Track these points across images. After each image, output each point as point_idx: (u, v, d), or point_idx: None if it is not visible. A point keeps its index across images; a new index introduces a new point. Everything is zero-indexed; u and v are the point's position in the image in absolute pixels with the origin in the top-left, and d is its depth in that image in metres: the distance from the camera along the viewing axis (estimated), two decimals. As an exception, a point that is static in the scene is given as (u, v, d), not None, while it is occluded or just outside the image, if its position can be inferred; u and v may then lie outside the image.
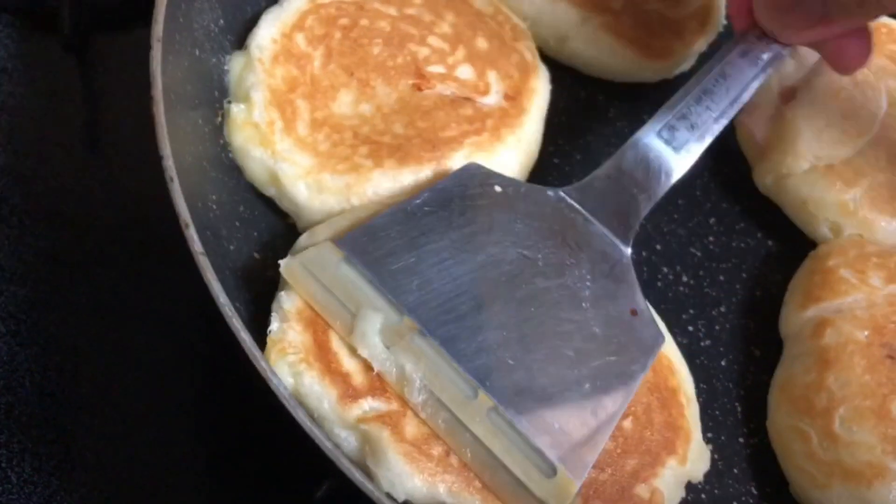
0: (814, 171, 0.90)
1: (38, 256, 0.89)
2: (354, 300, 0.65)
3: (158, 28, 0.66)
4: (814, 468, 0.76)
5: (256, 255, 0.78)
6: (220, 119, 0.81)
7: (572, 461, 0.61)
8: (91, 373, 0.84)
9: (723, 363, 0.85)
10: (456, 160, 0.83)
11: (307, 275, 0.66)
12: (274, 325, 0.65)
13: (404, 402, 0.64)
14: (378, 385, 0.64)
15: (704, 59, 1.01)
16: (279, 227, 0.83)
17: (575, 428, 0.63)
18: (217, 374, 0.84)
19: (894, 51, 1.00)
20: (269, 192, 0.82)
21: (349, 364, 0.65)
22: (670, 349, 0.77)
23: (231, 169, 0.81)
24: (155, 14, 0.67)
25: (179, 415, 0.82)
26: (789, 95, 0.95)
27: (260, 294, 0.75)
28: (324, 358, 0.64)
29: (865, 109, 0.93)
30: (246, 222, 0.79)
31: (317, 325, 0.66)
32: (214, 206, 0.73)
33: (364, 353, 0.64)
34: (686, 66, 1.00)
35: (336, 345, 0.65)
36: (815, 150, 0.90)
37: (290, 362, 0.63)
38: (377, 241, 0.67)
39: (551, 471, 0.60)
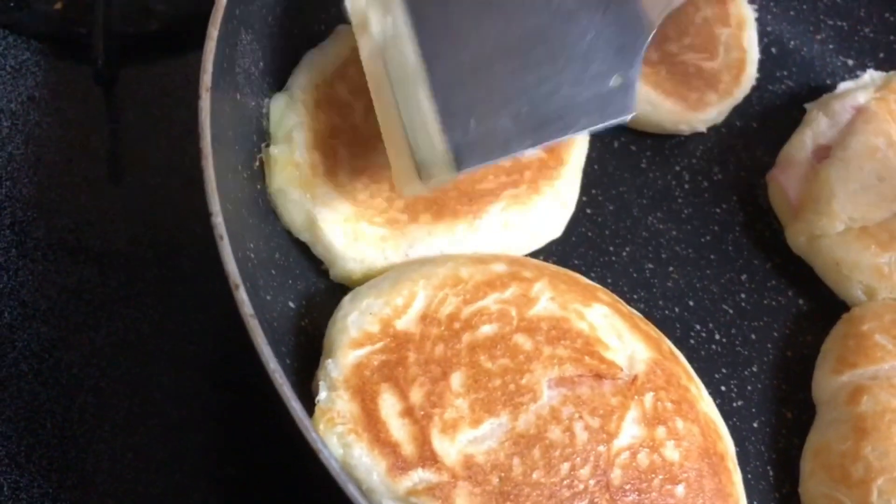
0: (848, 232, 0.89)
1: (61, 293, 0.87)
2: None
3: (207, 77, 0.64)
4: (849, 539, 0.75)
5: (291, 303, 0.77)
6: (257, 164, 0.79)
7: (464, 152, 0.66)
8: (114, 416, 0.82)
9: (755, 425, 0.84)
10: (492, 213, 0.82)
11: None
12: (322, 395, 0.65)
13: (455, 474, 0.62)
14: (428, 455, 0.63)
15: (737, 111, 1.01)
16: (312, 274, 0.82)
17: (485, 132, 0.66)
18: (243, 420, 0.83)
19: (928, 111, 0.99)
20: (304, 236, 0.81)
21: (398, 433, 0.64)
22: (714, 412, 0.76)
23: (266, 214, 0.79)
24: (203, 61, 0.66)
25: (203, 464, 0.81)
26: (823, 153, 0.95)
27: (296, 346, 0.74)
28: (372, 427, 0.63)
29: (901, 171, 0.92)
30: (281, 270, 0.78)
31: (364, 394, 0.65)
32: (252, 255, 0.72)
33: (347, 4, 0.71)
34: (719, 118, 1.00)
35: (385, 413, 0.65)
36: (849, 212, 0.89)
37: (339, 433, 0.62)
38: None
39: (443, 151, 0.66)
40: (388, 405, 0.67)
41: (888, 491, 0.75)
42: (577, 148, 0.89)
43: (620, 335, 0.76)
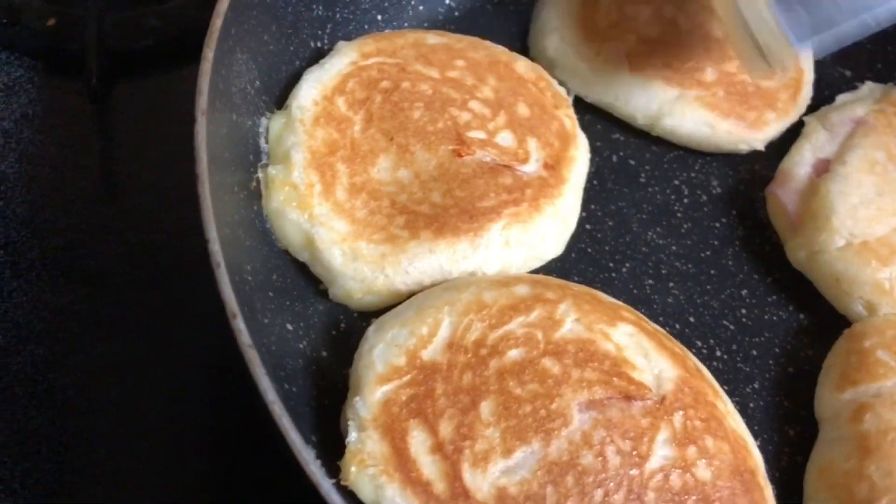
0: (848, 248, 0.89)
1: (55, 314, 0.87)
2: None
3: (203, 100, 0.64)
4: (855, 558, 0.74)
5: (289, 325, 0.76)
6: (254, 184, 0.79)
7: (797, 31, 0.75)
8: (108, 440, 0.81)
9: (757, 443, 0.83)
10: (493, 231, 0.81)
11: None
12: (352, 436, 0.65)
13: None
14: (460, 491, 0.63)
15: (792, 130, 1.00)
16: (310, 294, 0.81)
17: (813, 12, 0.75)
18: (238, 445, 0.81)
19: (927, 124, 0.99)
20: (303, 256, 0.80)
21: (429, 471, 0.64)
22: (741, 427, 0.76)
23: (264, 235, 0.79)
24: (199, 84, 0.65)
25: (198, 489, 0.80)
26: (822, 168, 0.94)
27: (295, 369, 0.73)
28: (403, 467, 0.64)
29: (901, 184, 0.92)
30: (279, 291, 0.77)
31: (394, 432, 0.65)
32: (249, 278, 0.71)
33: None
34: (778, 135, 0.99)
35: (415, 450, 0.65)
36: (849, 227, 0.89)
37: (371, 475, 0.62)
38: None
39: (780, 32, 0.75)
40: (418, 442, 0.66)
41: (893, 510, 0.74)
42: (578, 166, 0.89)
43: (647, 354, 0.75)
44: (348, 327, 0.80)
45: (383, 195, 0.81)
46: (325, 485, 0.53)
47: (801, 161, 0.95)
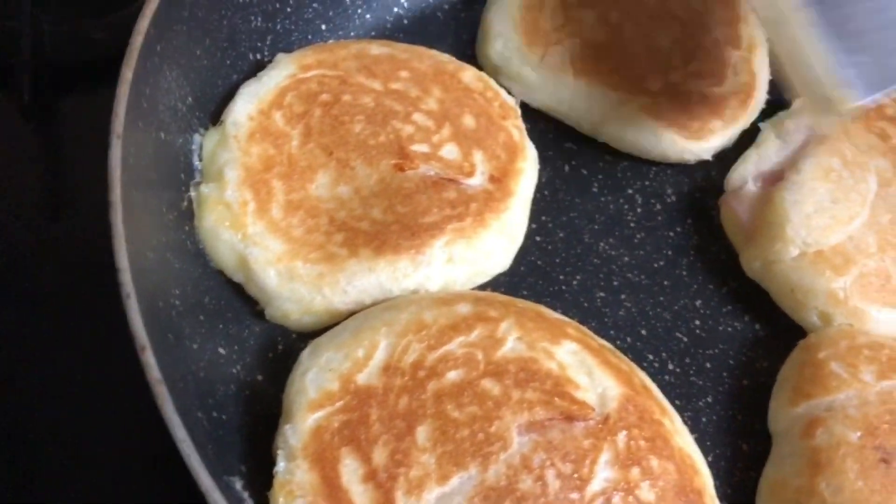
0: (802, 257, 0.87)
1: (-10, 337, 0.84)
2: None
3: (119, 123, 0.62)
4: (804, 577, 0.73)
5: (222, 350, 0.74)
6: (185, 203, 0.77)
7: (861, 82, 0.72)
8: (46, 471, 0.79)
9: (710, 458, 0.81)
10: (436, 247, 0.79)
11: None
12: (280, 465, 0.64)
13: None
14: None
15: (746, 136, 0.98)
16: (246, 315, 0.79)
17: (876, 65, 0.73)
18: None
19: (883, 128, 0.97)
20: (237, 277, 0.78)
21: (361, 501, 0.63)
22: (690, 445, 0.74)
23: (196, 256, 0.77)
24: (116, 105, 0.63)
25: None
26: (777, 177, 0.92)
27: (226, 396, 0.71)
28: (333, 497, 0.62)
29: (855, 192, 0.90)
30: (211, 314, 0.75)
31: (324, 461, 0.64)
32: (178, 303, 0.69)
33: None
34: (728, 144, 0.97)
35: (346, 480, 0.63)
36: (803, 237, 0.87)
37: None
38: None
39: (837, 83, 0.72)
40: (350, 470, 0.65)
41: (843, 528, 0.72)
42: (525, 178, 0.87)
43: (590, 372, 0.74)
44: (286, 349, 0.78)
45: (321, 212, 0.79)
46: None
47: (750, 171, 0.94)
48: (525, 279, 0.88)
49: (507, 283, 0.87)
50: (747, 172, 0.93)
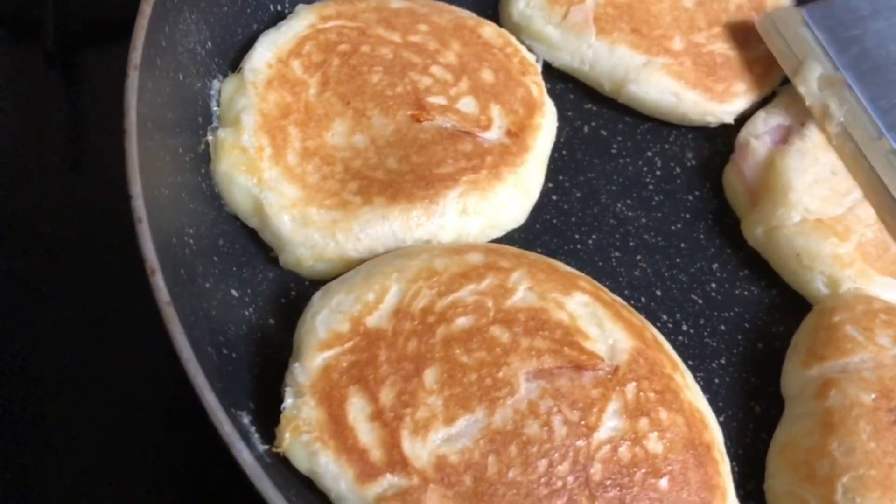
0: (805, 223, 0.86)
1: (8, 279, 0.85)
2: (803, 51, 0.90)
3: (136, 55, 0.62)
4: (813, 537, 0.72)
5: (235, 292, 0.74)
6: (202, 147, 0.77)
7: None
8: (57, 408, 0.80)
9: (721, 419, 0.81)
10: (449, 198, 0.79)
11: (772, 27, 0.92)
12: (288, 401, 0.64)
13: (425, 477, 0.62)
14: (397, 459, 0.62)
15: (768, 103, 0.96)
16: (260, 261, 0.79)
17: None
18: (188, 417, 0.80)
19: None
20: (252, 222, 0.79)
21: (367, 439, 0.63)
22: (700, 400, 0.74)
23: (212, 199, 0.77)
24: (133, 39, 0.64)
25: (144, 458, 0.78)
26: (784, 137, 0.91)
27: (237, 335, 0.72)
28: (339, 434, 0.62)
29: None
30: (225, 257, 0.75)
31: (332, 399, 0.64)
32: (191, 241, 0.70)
33: (802, 90, 0.89)
34: (751, 108, 0.96)
35: (353, 418, 0.64)
36: (805, 203, 0.86)
37: (304, 442, 0.61)
38: (833, 10, 0.90)
39: None
40: (357, 409, 0.65)
41: (853, 489, 0.71)
42: (543, 134, 0.86)
43: (601, 324, 0.73)
44: (299, 296, 0.78)
45: (337, 160, 0.79)
46: (238, 445, 0.51)
47: (760, 128, 0.92)
48: (540, 237, 0.88)
49: (522, 240, 0.87)
50: (756, 129, 0.92)
